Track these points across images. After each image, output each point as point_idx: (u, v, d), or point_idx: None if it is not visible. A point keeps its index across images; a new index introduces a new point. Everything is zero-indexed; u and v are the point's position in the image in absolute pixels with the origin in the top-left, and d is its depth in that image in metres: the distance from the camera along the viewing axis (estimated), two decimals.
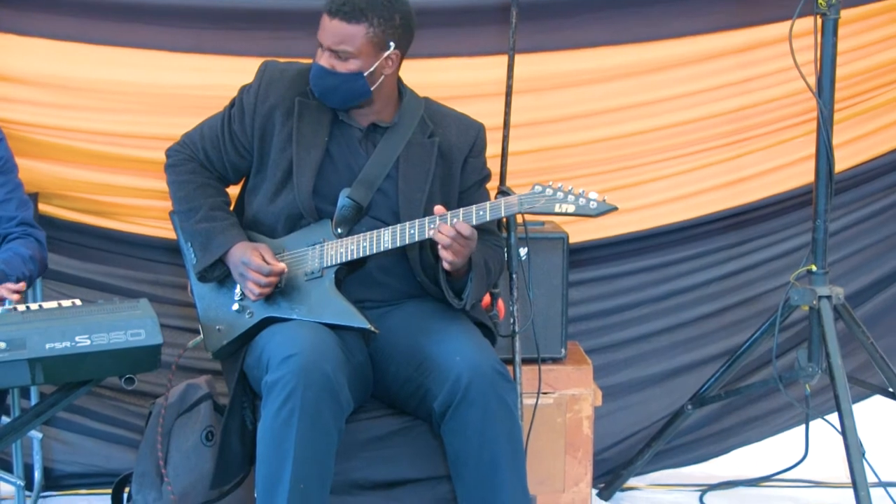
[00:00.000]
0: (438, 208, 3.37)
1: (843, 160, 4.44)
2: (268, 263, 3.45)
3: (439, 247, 3.33)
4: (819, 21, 3.97)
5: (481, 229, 3.49)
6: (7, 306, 3.42)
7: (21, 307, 3.51)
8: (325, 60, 3.46)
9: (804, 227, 4.45)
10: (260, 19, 4.24)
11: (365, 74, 3.46)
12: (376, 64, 3.47)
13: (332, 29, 3.43)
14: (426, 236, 3.36)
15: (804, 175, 4.38)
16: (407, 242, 3.40)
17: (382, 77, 3.51)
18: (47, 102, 4.21)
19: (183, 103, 4.15)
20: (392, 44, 3.47)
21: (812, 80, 4.00)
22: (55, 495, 4.40)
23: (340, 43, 3.43)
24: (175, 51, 4.24)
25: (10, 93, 4.17)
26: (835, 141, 4.07)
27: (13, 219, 3.78)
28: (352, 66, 3.45)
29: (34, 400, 4.03)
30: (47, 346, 3.26)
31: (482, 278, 3.50)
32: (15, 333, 3.24)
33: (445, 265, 3.38)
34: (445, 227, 3.29)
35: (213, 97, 3.88)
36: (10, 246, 3.76)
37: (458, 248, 3.31)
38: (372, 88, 3.50)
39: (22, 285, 3.51)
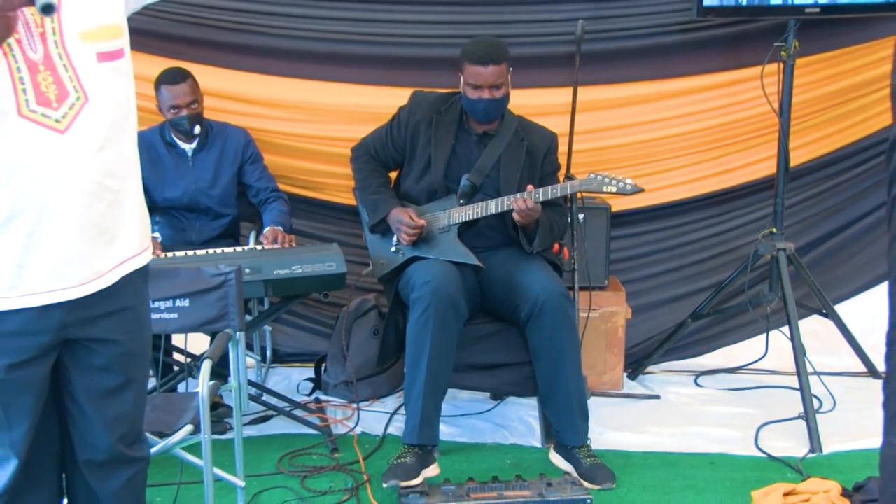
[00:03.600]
0: (529, 186, 3.41)
1: (796, 158, 4.33)
2: (413, 221, 3.49)
3: (514, 212, 3.36)
4: (781, 66, 3.91)
5: (552, 203, 3.52)
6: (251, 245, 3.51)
7: (259, 247, 3.61)
8: (487, 94, 3.45)
9: (768, 202, 4.35)
10: (411, 63, 4.24)
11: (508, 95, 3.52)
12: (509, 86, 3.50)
13: (490, 72, 3.43)
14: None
15: (769, 168, 4.28)
16: (505, 209, 3.42)
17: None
18: (277, 116, 4.25)
19: (361, 117, 4.14)
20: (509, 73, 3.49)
21: (776, 105, 3.92)
22: (279, 367, 4.49)
23: (498, 79, 3.44)
24: (359, 83, 4.24)
25: (257, 111, 4.23)
26: (790, 145, 4.00)
27: (268, 188, 3.96)
28: (504, 90, 3.47)
29: (266, 305, 4.11)
30: (275, 271, 3.37)
31: (547, 233, 3.51)
32: (255, 263, 3.36)
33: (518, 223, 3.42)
34: (519, 201, 3.33)
35: (381, 113, 3.89)
36: (274, 206, 3.92)
37: (524, 214, 3.35)
38: None
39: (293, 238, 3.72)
